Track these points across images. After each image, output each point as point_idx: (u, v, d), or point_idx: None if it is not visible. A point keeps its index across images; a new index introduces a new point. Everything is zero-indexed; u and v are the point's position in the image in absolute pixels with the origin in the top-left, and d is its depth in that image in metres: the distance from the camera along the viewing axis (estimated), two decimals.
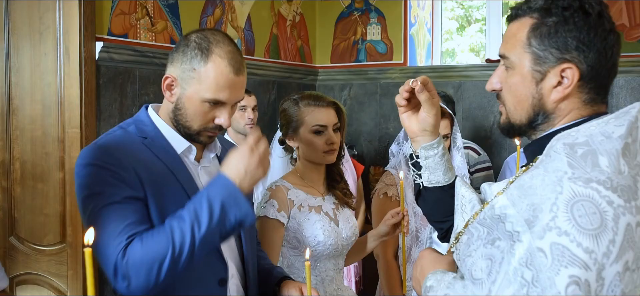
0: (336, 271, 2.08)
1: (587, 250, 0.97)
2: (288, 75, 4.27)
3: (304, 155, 2.06)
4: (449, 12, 5.10)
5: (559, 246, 0.98)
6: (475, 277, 1.13)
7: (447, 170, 1.47)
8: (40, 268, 2.92)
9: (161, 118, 1.57)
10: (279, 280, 1.70)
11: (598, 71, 1.13)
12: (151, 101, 3.24)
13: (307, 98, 2.04)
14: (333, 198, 2.12)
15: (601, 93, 1.17)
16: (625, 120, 1.07)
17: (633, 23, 3.56)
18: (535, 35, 1.15)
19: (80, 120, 2.78)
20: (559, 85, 1.14)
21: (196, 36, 1.52)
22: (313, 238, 1.97)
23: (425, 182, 1.48)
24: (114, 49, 2.93)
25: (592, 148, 1.05)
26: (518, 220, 1.05)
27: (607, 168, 1.02)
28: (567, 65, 1.13)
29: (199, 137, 1.55)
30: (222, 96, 1.49)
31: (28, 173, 2.95)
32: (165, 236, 1.35)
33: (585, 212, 0.99)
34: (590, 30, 1.11)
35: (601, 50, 1.12)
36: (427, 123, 1.43)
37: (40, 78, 2.87)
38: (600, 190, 1.00)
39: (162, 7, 3.24)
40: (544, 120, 1.19)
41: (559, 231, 0.99)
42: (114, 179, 1.40)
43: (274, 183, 2.05)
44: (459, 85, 4.12)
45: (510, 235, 1.07)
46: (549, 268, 0.98)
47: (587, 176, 1.02)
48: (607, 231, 0.98)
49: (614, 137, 1.05)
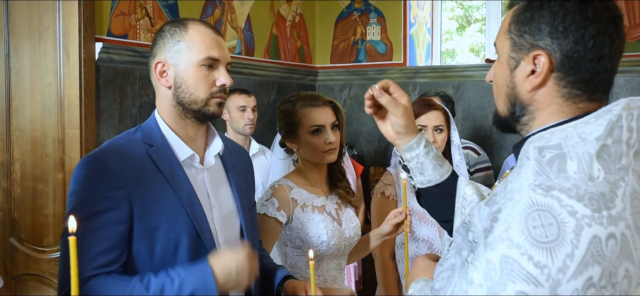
0: (338, 271, 2.09)
1: (538, 265, 0.89)
2: (288, 76, 4.27)
3: (304, 156, 2.06)
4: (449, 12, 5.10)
5: (509, 259, 0.90)
6: (435, 288, 1.09)
7: (437, 167, 1.43)
8: (41, 269, 2.92)
9: (164, 120, 1.57)
10: (282, 279, 1.70)
11: (577, 62, 1.04)
12: (151, 102, 3.26)
13: (303, 99, 2.04)
14: (336, 198, 2.13)
15: (588, 90, 1.06)
16: (606, 119, 0.97)
17: (633, 23, 3.56)
18: (515, 20, 1.10)
19: (80, 121, 2.78)
20: (532, 73, 1.08)
21: (166, 24, 1.58)
22: (317, 238, 1.97)
23: (418, 184, 1.46)
24: (114, 50, 2.93)
25: (562, 152, 0.96)
26: (478, 229, 1.00)
27: (575, 174, 0.93)
28: (539, 51, 1.06)
29: (208, 107, 1.54)
30: (214, 53, 1.52)
31: (28, 174, 2.95)
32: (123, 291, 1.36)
33: (540, 223, 0.90)
34: (565, 16, 1.03)
35: (579, 39, 1.03)
36: (399, 125, 1.40)
37: (40, 79, 2.87)
38: (561, 199, 0.91)
39: (162, 7, 3.24)
40: (522, 112, 1.12)
41: (510, 244, 0.91)
42: (101, 198, 1.41)
43: (276, 182, 2.05)
44: (458, 85, 4.12)
45: (470, 245, 1.02)
46: (497, 282, 0.91)
47: (549, 183, 0.93)
48: (565, 244, 0.89)
49: (589, 139, 0.96)
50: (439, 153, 1.48)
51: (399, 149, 1.45)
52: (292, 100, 2.05)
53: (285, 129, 2.05)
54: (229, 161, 1.69)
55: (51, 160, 2.86)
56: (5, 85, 2.98)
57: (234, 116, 3.26)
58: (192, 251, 1.48)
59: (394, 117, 1.40)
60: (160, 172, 1.49)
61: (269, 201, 1.98)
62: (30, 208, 2.94)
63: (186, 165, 1.55)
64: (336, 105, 2.07)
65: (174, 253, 1.46)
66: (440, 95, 3.37)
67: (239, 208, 1.65)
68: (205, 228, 1.51)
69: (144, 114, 3.10)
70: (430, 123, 2.38)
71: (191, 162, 1.57)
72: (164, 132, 1.56)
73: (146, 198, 1.44)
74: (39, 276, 2.94)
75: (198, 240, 1.49)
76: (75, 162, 2.77)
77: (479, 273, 0.94)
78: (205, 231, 1.51)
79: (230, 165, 1.68)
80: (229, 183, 1.66)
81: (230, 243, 1.61)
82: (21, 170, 2.97)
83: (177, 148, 1.55)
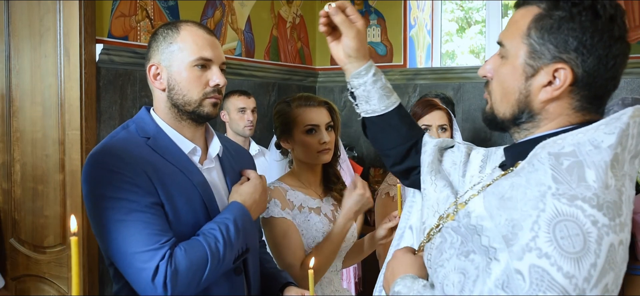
0: (334, 273, 2.08)
1: (568, 275, 0.90)
2: (288, 77, 4.27)
3: (299, 157, 2.05)
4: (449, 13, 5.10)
5: (539, 269, 0.91)
6: (446, 292, 1.06)
7: (383, 98, 1.44)
8: (41, 270, 2.93)
9: (162, 119, 1.57)
10: (282, 285, 1.70)
11: (595, 79, 1.03)
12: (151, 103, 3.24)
13: (298, 99, 2.04)
14: (332, 200, 2.12)
15: (595, 104, 1.07)
16: (616, 127, 0.97)
17: (633, 25, 3.57)
18: (537, 26, 1.05)
19: (81, 122, 2.78)
20: (549, 85, 1.05)
21: (160, 26, 1.58)
22: (313, 239, 1.97)
23: (362, 113, 1.47)
24: (114, 51, 2.94)
25: (579, 159, 0.96)
26: (495, 236, 0.98)
27: (594, 183, 0.94)
28: (562, 65, 1.03)
29: (202, 108, 1.54)
30: (206, 53, 1.52)
31: (28, 175, 2.95)
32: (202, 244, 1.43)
33: (568, 233, 0.91)
34: (595, 33, 1.01)
35: (603, 58, 1.02)
36: (349, 48, 1.39)
37: (41, 81, 2.88)
38: (585, 209, 0.92)
39: (162, 9, 3.24)
40: (529, 119, 1.10)
41: (539, 253, 0.92)
42: (131, 186, 1.40)
43: (271, 184, 2.04)
44: (458, 86, 4.12)
45: (485, 251, 1.00)
46: (526, 292, 0.91)
47: (572, 192, 0.93)
48: (590, 255, 0.91)
49: (603, 147, 0.96)
50: (388, 83, 1.47)
51: (348, 75, 1.44)
52: (288, 100, 2.06)
53: (280, 129, 2.05)
54: (228, 163, 1.69)
55: (52, 161, 2.86)
56: (5, 86, 2.99)
57: (233, 117, 3.27)
58: None
59: (346, 39, 1.39)
60: (165, 159, 1.49)
61: (272, 202, 1.96)
62: (31, 209, 2.94)
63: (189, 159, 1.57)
64: (331, 106, 2.07)
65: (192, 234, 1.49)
66: (441, 96, 3.38)
67: None
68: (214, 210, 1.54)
69: None
70: (435, 123, 2.40)
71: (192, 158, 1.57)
72: (162, 126, 1.56)
73: (163, 183, 1.45)
74: (39, 277, 2.94)
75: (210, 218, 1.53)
76: (76, 163, 2.78)
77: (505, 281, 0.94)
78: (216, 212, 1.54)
79: (229, 167, 1.68)
80: (227, 185, 1.65)
81: None
82: (22, 171, 2.97)
83: (178, 141, 1.55)
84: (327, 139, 1.99)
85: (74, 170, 2.80)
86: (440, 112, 2.42)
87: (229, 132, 3.32)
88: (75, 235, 1.00)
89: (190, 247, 1.41)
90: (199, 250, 1.41)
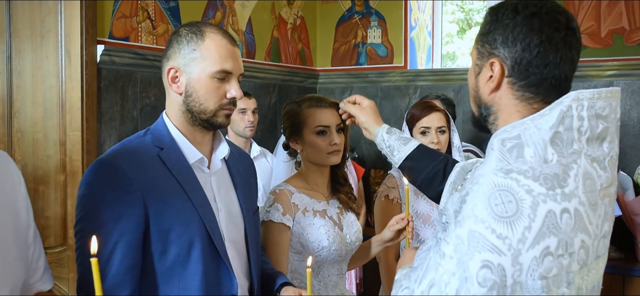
0: (339, 276, 2.08)
1: (500, 236, 1.02)
2: (289, 78, 4.27)
3: (307, 158, 2.05)
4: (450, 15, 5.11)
5: (475, 233, 1.03)
6: (413, 265, 1.22)
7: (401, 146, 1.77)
8: None
9: (173, 123, 1.57)
10: (279, 285, 1.71)
11: (526, 68, 1.18)
12: (152, 104, 3.27)
13: (308, 100, 2.04)
14: (337, 202, 2.11)
15: (539, 93, 1.19)
16: (557, 109, 1.10)
17: (633, 26, 3.57)
18: (480, 33, 1.26)
19: (82, 123, 2.79)
20: (490, 79, 1.22)
21: (184, 27, 1.56)
22: (317, 243, 1.96)
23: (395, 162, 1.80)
24: (116, 52, 2.94)
25: (521, 141, 1.09)
26: (449, 212, 1.13)
27: (531, 158, 1.07)
28: (494, 59, 1.21)
29: (216, 118, 1.55)
30: (228, 65, 1.52)
31: (29, 176, 2.95)
32: None
33: (501, 201, 1.04)
34: (515, 27, 1.17)
35: (526, 47, 1.16)
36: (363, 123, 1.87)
37: (42, 81, 2.88)
38: (519, 180, 1.05)
39: (163, 10, 3.25)
40: (487, 112, 1.26)
41: (475, 219, 1.04)
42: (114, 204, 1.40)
43: (277, 187, 2.04)
44: (459, 88, 4.12)
45: (443, 226, 1.15)
46: (465, 253, 1.03)
47: (508, 167, 1.07)
48: (523, 218, 1.02)
49: (544, 128, 1.09)
50: (401, 133, 1.82)
51: (373, 140, 1.84)
52: (298, 101, 2.05)
53: (290, 130, 2.05)
54: (234, 165, 1.70)
55: (52, 162, 2.87)
56: (6, 87, 2.99)
57: (234, 118, 3.27)
58: (205, 252, 1.49)
59: (359, 119, 1.88)
60: (172, 174, 1.49)
61: (273, 207, 1.96)
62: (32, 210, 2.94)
63: (195, 169, 1.56)
64: None
65: (187, 253, 1.47)
66: (441, 98, 3.38)
67: (243, 212, 1.66)
68: (215, 230, 1.52)
69: (145, 116, 3.10)
70: (433, 125, 2.41)
71: (200, 166, 1.57)
72: (174, 135, 1.56)
73: (160, 200, 1.44)
74: None
75: (210, 242, 1.50)
76: (77, 164, 2.78)
77: (450, 247, 1.07)
78: (216, 234, 1.52)
79: (235, 169, 1.69)
80: (234, 188, 1.67)
81: (236, 247, 1.61)
82: (22, 172, 2.97)
83: (186, 151, 1.55)
84: (337, 141, 2.00)
85: (74, 171, 2.80)
86: (438, 114, 2.43)
87: (230, 133, 3.32)
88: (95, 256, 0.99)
89: None
90: None
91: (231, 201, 1.63)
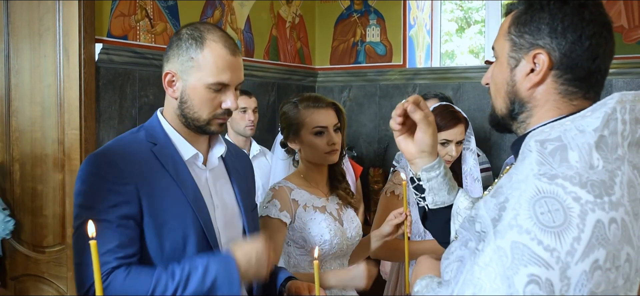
0: None
1: (548, 248, 0.93)
2: (287, 77, 4.27)
3: (306, 157, 2.07)
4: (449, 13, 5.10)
5: (519, 245, 0.95)
6: (445, 279, 1.13)
7: (451, 189, 1.42)
8: (40, 270, 2.92)
9: (168, 122, 1.57)
10: (284, 280, 1.71)
11: (574, 60, 1.09)
12: (150, 103, 3.26)
13: (306, 100, 2.05)
14: (336, 199, 2.14)
15: (583, 88, 1.11)
16: (602, 111, 1.02)
17: (632, 25, 3.57)
18: (515, 23, 1.15)
19: (80, 122, 2.78)
20: (531, 72, 1.12)
21: (187, 29, 1.54)
22: (319, 236, 1.98)
23: (431, 205, 1.43)
24: (114, 51, 2.93)
25: (563, 143, 1.01)
26: (486, 220, 1.03)
27: (576, 163, 0.98)
28: (539, 50, 1.11)
29: (209, 126, 1.54)
30: (225, 78, 1.50)
31: (27, 175, 2.95)
32: (149, 281, 1.38)
33: (548, 209, 0.95)
34: (564, 18, 1.09)
35: (576, 39, 1.08)
36: (425, 144, 1.36)
37: (40, 80, 2.87)
38: (565, 186, 0.96)
39: (162, 8, 3.24)
40: (521, 109, 1.16)
41: (519, 230, 0.96)
42: (110, 194, 1.41)
43: (277, 184, 2.06)
44: (458, 86, 4.12)
45: (478, 236, 1.06)
46: (509, 267, 0.95)
47: (553, 172, 0.98)
48: (572, 229, 0.94)
49: (587, 131, 1.01)
50: (452, 176, 1.45)
51: (417, 168, 1.40)
52: (295, 101, 2.06)
53: (287, 130, 2.06)
54: (232, 163, 1.70)
55: (51, 161, 2.86)
56: (5, 86, 2.99)
57: (234, 117, 3.26)
58: (200, 247, 1.49)
59: (421, 134, 1.36)
60: (165, 169, 1.49)
61: (271, 203, 1.98)
62: (30, 209, 2.94)
63: (190, 165, 1.56)
64: (339, 107, 2.09)
65: (182, 248, 1.47)
66: (439, 96, 3.38)
67: (241, 210, 1.66)
68: (209, 226, 1.52)
69: (144, 115, 3.10)
70: (455, 138, 2.30)
71: (195, 162, 1.57)
72: (168, 132, 1.56)
73: (153, 194, 1.45)
74: (38, 277, 2.94)
75: (204, 237, 1.50)
76: (75, 162, 2.78)
77: (491, 259, 0.97)
78: (210, 229, 1.52)
79: (232, 167, 1.69)
80: (232, 185, 1.67)
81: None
82: (21, 171, 2.97)
83: (181, 147, 1.55)
84: (335, 141, 2.02)
85: (73, 170, 2.79)
86: (462, 127, 2.32)
87: (230, 132, 3.32)
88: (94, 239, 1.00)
89: (136, 275, 1.38)
90: (143, 284, 1.38)
91: (228, 199, 1.64)
